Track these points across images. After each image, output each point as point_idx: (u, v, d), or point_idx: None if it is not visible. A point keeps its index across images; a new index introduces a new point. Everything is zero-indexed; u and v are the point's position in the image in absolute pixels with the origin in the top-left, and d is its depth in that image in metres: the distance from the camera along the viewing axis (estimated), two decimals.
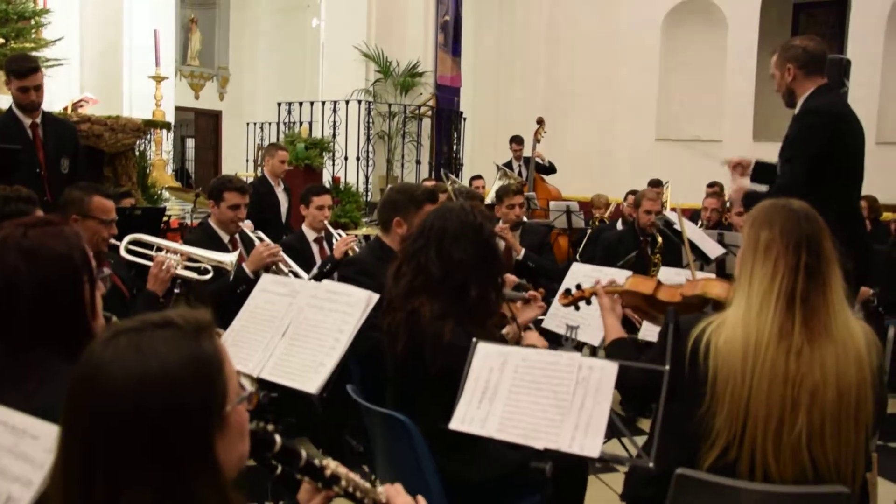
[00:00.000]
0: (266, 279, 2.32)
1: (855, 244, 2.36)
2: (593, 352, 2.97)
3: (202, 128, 16.57)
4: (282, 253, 3.78)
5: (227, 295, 3.46)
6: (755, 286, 1.75)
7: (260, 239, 3.87)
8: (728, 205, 6.62)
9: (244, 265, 3.67)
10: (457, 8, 10.49)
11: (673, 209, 5.41)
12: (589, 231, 7.07)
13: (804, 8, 12.19)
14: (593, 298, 2.40)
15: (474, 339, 1.79)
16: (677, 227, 3.03)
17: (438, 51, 10.12)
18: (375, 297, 2.04)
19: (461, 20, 10.65)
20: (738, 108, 11.22)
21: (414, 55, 9.88)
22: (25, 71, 3.97)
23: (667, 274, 2.96)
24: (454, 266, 2.05)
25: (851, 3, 10.67)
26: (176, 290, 3.22)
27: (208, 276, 3.20)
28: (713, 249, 3.07)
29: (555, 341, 2.94)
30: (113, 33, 11.18)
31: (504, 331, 2.63)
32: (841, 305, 1.74)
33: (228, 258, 3.27)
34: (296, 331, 2.10)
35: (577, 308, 2.50)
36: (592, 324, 2.71)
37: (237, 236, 3.91)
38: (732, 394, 1.70)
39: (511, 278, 2.92)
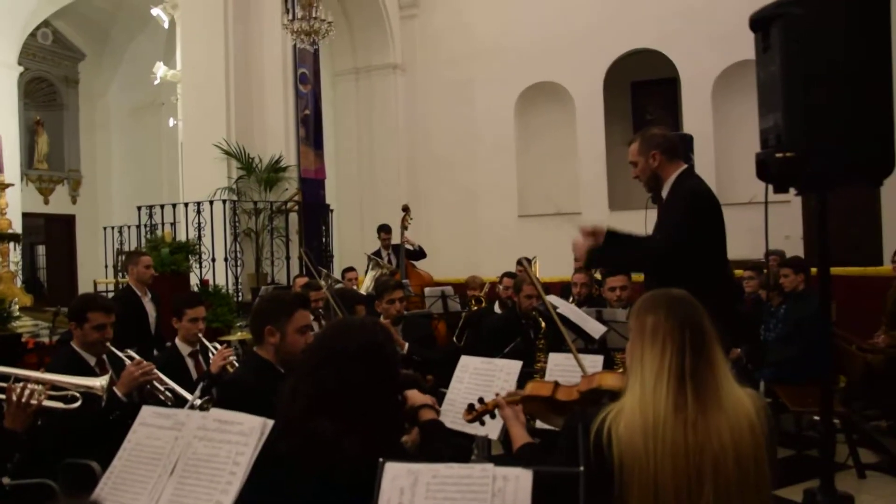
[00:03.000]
0: (146, 411, 2.16)
1: (724, 314, 2.51)
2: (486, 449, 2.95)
3: (54, 234, 15.71)
4: (156, 371, 3.57)
5: (100, 423, 3.23)
6: (647, 368, 1.83)
7: (130, 358, 3.63)
8: (596, 275, 6.88)
9: (115, 388, 3.44)
10: (316, 102, 10.59)
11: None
12: (464, 314, 7.13)
13: (641, 86, 13.17)
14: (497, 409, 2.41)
15: (381, 460, 1.73)
16: (560, 310, 3.09)
17: (301, 144, 10.13)
18: (270, 423, 1.93)
19: (321, 113, 10.75)
20: (592, 179, 11.83)
21: (276, 150, 9.82)
22: None
23: (556, 359, 3.01)
24: (354, 387, 1.99)
25: (680, 81, 11.62)
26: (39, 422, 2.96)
27: (76, 405, 2.96)
28: (595, 329, 3.16)
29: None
30: None
31: (402, 439, 2.57)
32: (726, 377, 1.85)
33: (98, 382, 3.04)
34: (185, 468, 1.95)
35: (483, 423, 2.49)
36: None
37: (104, 357, 3.66)
38: (640, 476, 1.75)
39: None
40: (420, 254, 9.63)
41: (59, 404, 2.86)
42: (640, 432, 1.76)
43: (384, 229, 9.50)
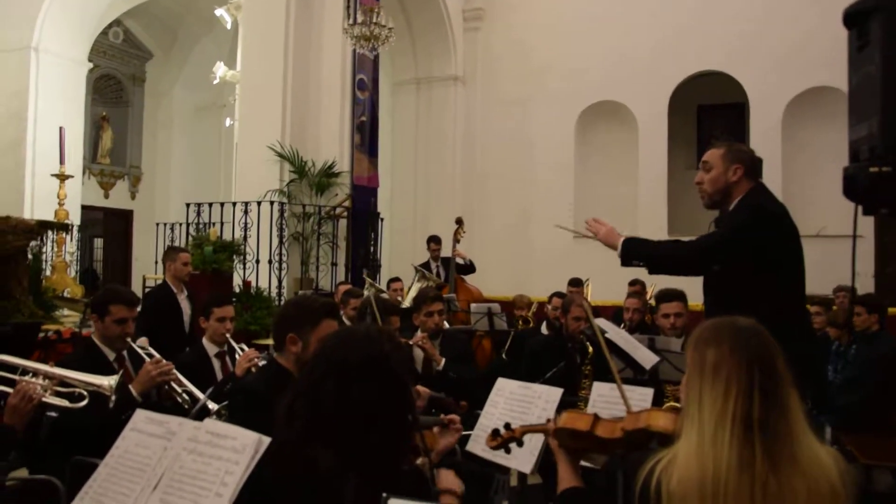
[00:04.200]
0: (139, 416, 1.95)
1: (801, 356, 2.17)
2: (523, 480, 2.67)
3: (111, 228, 15.96)
4: (175, 371, 3.39)
5: (111, 425, 3.05)
6: (706, 412, 1.52)
7: (150, 356, 3.46)
8: (650, 301, 6.55)
9: (131, 386, 3.27)
10: (373, 109, 10.47)
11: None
12: (512, 333, 6.87)
13: (707, 109, 12.76)
14: (525, 438, 2.14)
15: (384, 495, 1.48)
16: (609, 335, 2.80)
17: (355, 151, 9.99)
18: (266, 440, 1.69)
19: (378, 121, 10.61)
20: (651, 202, 11.47)
21: (330, 155, 9.70)
22: None
23: (600, 389, 2.72)
24: (354, 406, 1.74)
25: (750, 105, 11.19)
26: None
27: (83, 404, 2.79)
28: (646, 358, 2.86)
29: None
30: (15, 130, 10.78)
31: (418, 461, 2.32)
32: (803, 430, 1.54)
33: (107, 381, 2.85)
34: (170, 483, 1.73)
35: (508, 451, 2.21)
36: (523, 447, 2.42)
37: (125, 353, 3.50)
38: None
39: (424, 391, 2.63)
40: (470, 268, 9.37)
41: (65, 402, 2.68)
42: (697, 489, 1.46)
43: (434, 240, 9.28)
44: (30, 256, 7.28)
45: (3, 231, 6.31)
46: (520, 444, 2.16)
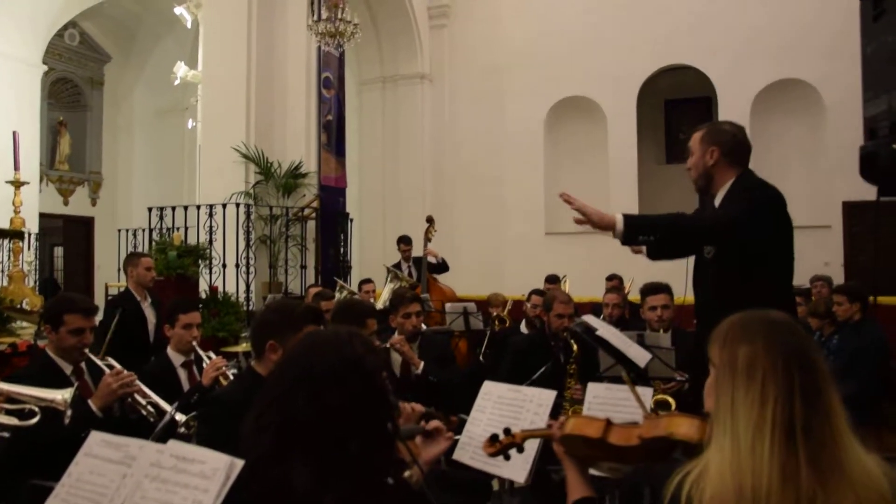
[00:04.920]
0: (94, 439, 1.74)
1: None
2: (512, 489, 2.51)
3: (72, 235, 15.51)
4: (137, 382, 3.18)
5: (71, 441, 2.83)
6: (741, 418, 1.35)
7: (110, 367, 3.24)
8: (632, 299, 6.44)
9: (90, 401, 3.05)
10: (339, 107, 10.25)
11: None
12: (489, 332, 6.72)
13: (675, 104, 12.75)
14: (527, 444, 1.97)
15: None
16: (600, 332, 2.64)
17: (322, 151, 9.77)
18: (239, 463, 1.50)
19: (344, 120, 10.40)
20: (623, 198, 11.40)
21: (296, 155, 9.47)
22: None
23: (595, 391, 2.56)
24: (329, 414, 1.56)
25: (717, 98, 11.17)
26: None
27: (34, 421, 2.56)
28: (639, 356, 2.72)
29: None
30: None
31: (406, 474, 2.15)
32: (849, 436, 1.37)
33: (60, 395, 2.62)
34: None
35: (508, 458, 2.04)
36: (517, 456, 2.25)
37: (83, 366, 3.27)
38: None
39: (417, 408, 2.47)
40: (443, 267, 9.20)
41: (13, 420, 2.46)
42: None
43: (404, 240, 9.09)
44: None
45: None
46: (520, 450, 1.99)
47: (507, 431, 2.00)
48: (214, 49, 9.65)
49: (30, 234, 10.16)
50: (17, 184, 9.10)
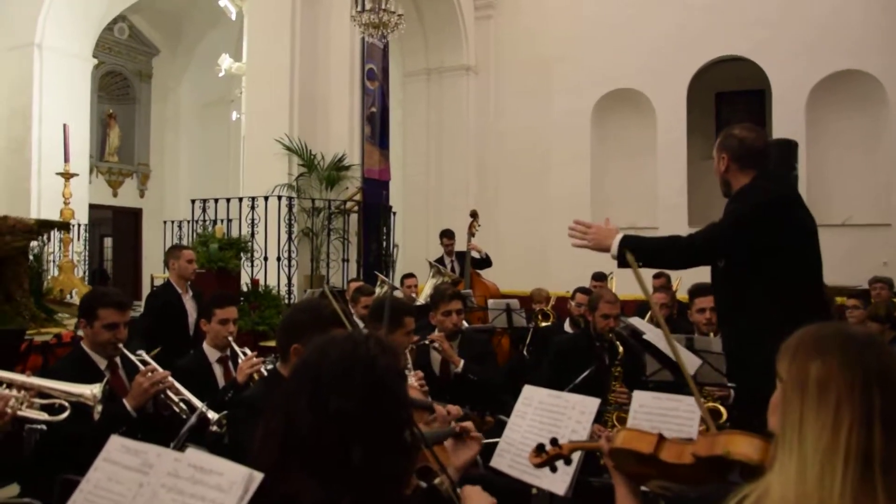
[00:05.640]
0: (114, 443, 1.66)
1: None
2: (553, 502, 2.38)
3: (121, 226, 15.78)
4: (170, 378, 3.11)
5: (102, 440, 2.78)
6: (809, 441, 1.18)
7: (144, 363, 3.19)
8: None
9: (125, 401, 3.00)
10: (383, 99, 10.18)
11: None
12: (532, 328, 6.57)
13: (726, 97, 12.39)
14: (574, 456, 1.84)
15: None
16: (647, 336, 2.49)
17: (365, 143, 9.71)
18: (258, 476, 1.39)
19: (388, 111, 10.32)
20: (671, 193, 11.15)
21: (339, 147, 9.42)
22: None
23: (642, 399, 2.41)
24: (331, 420, 1.41)
25: (772, 91, 10.82)
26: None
27: (63, 416, 2.51)
28: (690, 361, 2.56)
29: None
30: (20, 129, 10.59)
31: (436, 481, 2.03)
32: None
33: (89, 389, 2.57)
34: None
35: (554, 469, 1.91)
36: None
37: (118, 361, 3.23)
38: None
39: (454, 411, 2.35)
40: (486, 262, 9.05)
41: (43, 415, 2.41)
42: None
43: (447, 234, 8.97)
44: (31, 257, 7.06)
45: (0, 232, 6.07)
46: (567, 462, 1.86)
47: (553, 442, 1.86)
48: (258, 41, 9.65)
49: (79, 225, 10.31)
50: (67, 175, 9.26)
